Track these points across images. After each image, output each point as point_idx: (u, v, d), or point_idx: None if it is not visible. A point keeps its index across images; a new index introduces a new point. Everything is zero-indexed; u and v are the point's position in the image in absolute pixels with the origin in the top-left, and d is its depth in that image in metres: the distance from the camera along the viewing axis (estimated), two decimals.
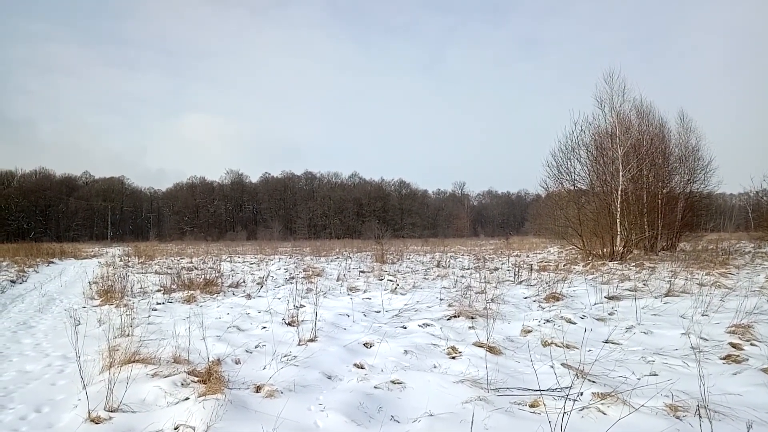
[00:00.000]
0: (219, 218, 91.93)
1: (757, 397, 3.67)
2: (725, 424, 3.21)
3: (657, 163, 21.00)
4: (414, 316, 7.45)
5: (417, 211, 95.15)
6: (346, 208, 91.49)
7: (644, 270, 13.73)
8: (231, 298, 9.43)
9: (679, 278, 10.81)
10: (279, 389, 3.94)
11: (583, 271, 14.43)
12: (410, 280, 12.23)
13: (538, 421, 3.33)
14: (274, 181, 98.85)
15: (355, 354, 5.23)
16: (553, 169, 20.21)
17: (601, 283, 10.72)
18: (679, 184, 22.84)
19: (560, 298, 8.70)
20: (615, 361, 4.88)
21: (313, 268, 15.48)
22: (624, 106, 19.87)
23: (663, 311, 7.51)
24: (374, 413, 3.58)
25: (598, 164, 19.89)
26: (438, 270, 15.22)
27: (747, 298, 7.69)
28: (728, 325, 6.09)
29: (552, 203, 22.31)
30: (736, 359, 4.90)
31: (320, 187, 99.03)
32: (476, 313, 7.26)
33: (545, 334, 5.99)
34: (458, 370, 4.62)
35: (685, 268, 13.08)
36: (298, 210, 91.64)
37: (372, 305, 8.55)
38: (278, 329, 6.39)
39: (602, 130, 19.96)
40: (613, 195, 18.77)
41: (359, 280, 12.25)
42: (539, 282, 10.95)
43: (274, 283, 11.81)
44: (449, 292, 9.70)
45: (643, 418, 3.32)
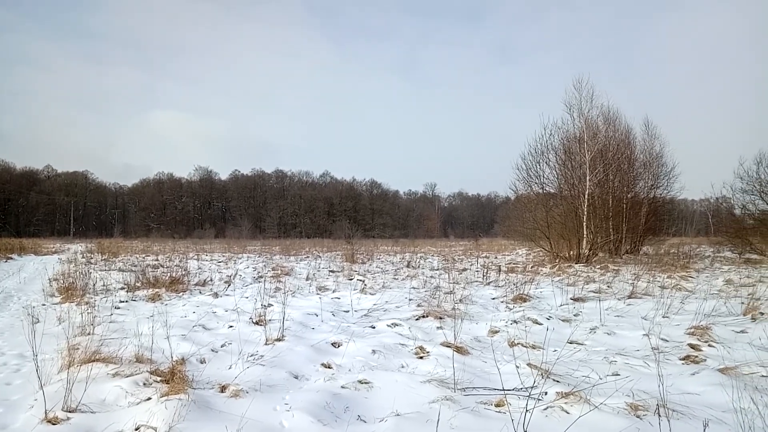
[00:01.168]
0: (187, 215, 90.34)
1: (714, 396, 3.77)
2: (683, 423, 3.29)
3: (622, 168, 21.52)
4: (383, 316, 7.45)
5: (388, 211, 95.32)
6: (316, 207, 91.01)
7: (609, 272, 14.04)
8: (197, 296, 9.27)
9: (642, 281, 11.09)
10: (244, 389, 3.88)
11: (550, 273, 14.66)
12: (380, 280, 12.23)
13: (503, 420, 3.36)
14: (244, 178, 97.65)
15: (323, 353, 5.19)
16: (522, 173, 20.56)
17: (567, 285, 10.90)
18: (643, 190, 23.46)
19: (527, 300, 8.81)
20: (579, 361, 4.96)
21: (282, 267, 15.34)
22: (592, 112, 20.32)
23: (626, 313, 7.69)
24: (341, 413, 3.56)
25: (567, 168, 20.28)
26: (408, 270, 15.27)
27: (706, 301, 7.93)
28: (688, 327, 6.26)
29: (521, 206, 22.62)
30: (694, 360, 5.04)
31: (291, 185, 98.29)
32: (445, 313, 7.30)
33: (512, 335, 6.05)
34: (426, 370, 4.63)
35: (648, 271, 13.42)
36: (268, 208, 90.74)
37: (341, 305, 8.51)
38: (245, 328, 6.30)
39: (571, 134, 20.37)
40: (580, 199, 19.15)
41: (329, 280, 12.19)
42: (507, 283, 11.08)
43: (242, 282, 11.65)
44: (418, 293, 9.73)
45: (605, 417, 3.38)
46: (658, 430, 3.06)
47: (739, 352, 5.11)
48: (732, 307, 7.49)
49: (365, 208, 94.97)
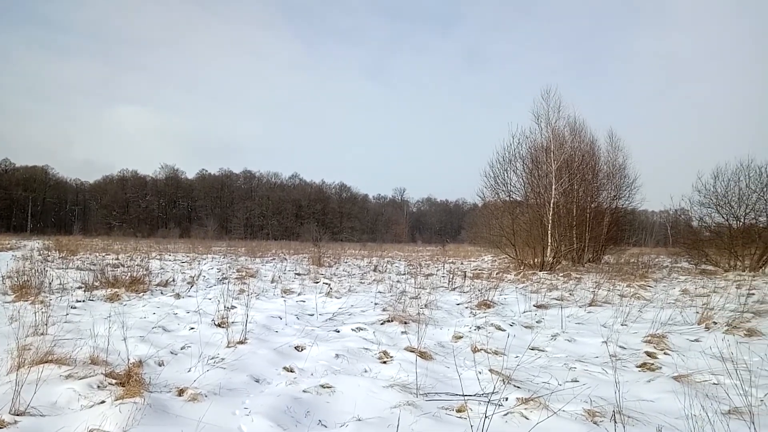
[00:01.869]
0: (151, 214, 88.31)
1: (668, 403, 3.87)
2: (638, 429, 3.36)
3: (587, 178, 22.03)
4: (348, 320, 7.42)
5: (357, 215, 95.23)
6: (284, 209, 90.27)
7: (571, 280, 14.32)
8: (158, 297, 9.06)
9: (603, 289, 11.34)
10: (203, 392, 3.80)
11: (514, 279, 14.86)
12: (346, 283, 12.19)
13: (463, 425, 3.37)
14: (211, 178, 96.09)
15: (286, 357, 5.13)
16: (490, 180, 20.83)
17: (531, 292, 11.07)
18: (606, 200, 24.06)
19: (491, 306, 8.91)
20: (540, 368, 5.03)
21: (247, 269, 15.14)
22: (559, 123, 20.78)
23: (586, 320, 7.84)
24: (301, 418, 3.52)
25: (533, 177, 20.65)
26: (374, 274, 15.26)
27: (662, 310, 8.18)
28: (645, 335, 6.43)
29: (488, 213, 22.90)
30: (650, 367, 5.17)
31: (259, 186, 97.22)
32: (409, 318, 7.32)
33: (475, 340, 6.10)
34: (389, 375, 4.62)
35: (609, 279, 13.74)
36: (235, 209, 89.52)
37: (306, 308, 8.44)
38: (207, 330, 6.19)
39: (538, 144, 20.78)
40: (545, 207, 19.51)
41: (294, 283, 12.09)
42: (472, 289, 11.19)
43: (205, 283, 11.45)
44: (384, 297, 9.73)
45: (563, 423, 3.43)
46: None
47: (693, 361, 5.26)
48: (687, 317, 7.72)
49: (334, 211, 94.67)
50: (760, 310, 8.45)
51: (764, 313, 8.14)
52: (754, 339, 6.27)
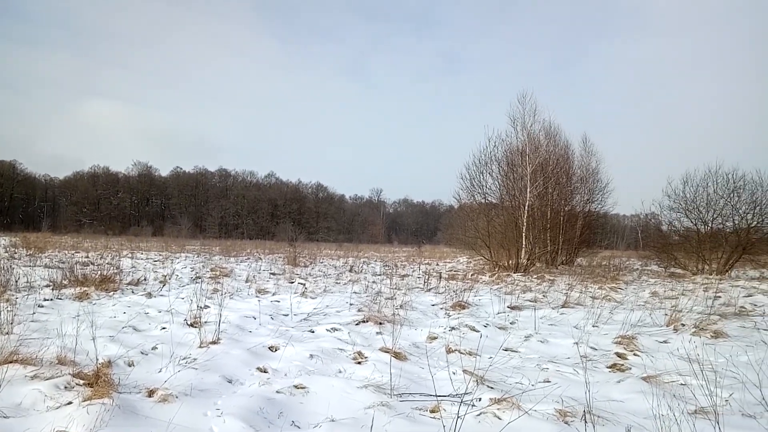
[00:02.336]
0: (123, 212, 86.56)
1: (637, 403, 3.94)
2: (608, 429, 3.42)
3: (561, 182, 22.35)
4: (323, 320, 7.39)
5: (333, 215, 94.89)
6: (260, 208, 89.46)
7: (545, 282, 14.50)
8: (129, 296, 8.89)
9: (575, 291, 11.51)
10: (174, 393, 3.74)
11: (489, 281, 14.98)
12: (321, 284, 12.14)
13: (437, 426, 3.39)
14: (185, 176, 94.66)
15: (259, 357, 5.09)
16: (466, 182, 20.98)
17: (505, 294, 11.17)
18: (579, 203, 24.44)
19: (466, 307, 8.96)
20: (513, 368, 5.08)
21: (222, 269, 14.96)
22: (534, 127, 21.01)
23: (559, 321, 7.95)
24: (274, 419, 3.49)
25: (509, 180, 20.86)
26: (350, 275, 15.23)
27: (633, 312, 8.33)
28: (615, 336, 6.54)
29: (463, 215, 23.05)
30: (620, 368, 5.26)
31: (234, 185, 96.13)
32: (385, 318, 7.32)
33: (450, 341, 6.13)
34: (363, 376, 4.62)
35: (581, 281, 13.96)
36: (210, 208, 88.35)
37: (280, 308, 8.38)
38: (179, 330, 6.09)
39: (514, 147, 20.97)
40: (520, 210, 19.71)
41: (269, 283, 11.98)
42: (447, 290, 11.24)
43: (178, 282, 11.27)
44: (360, 297, 9.72)
45: (535, 423, 3.47)
46: None
47: (661, 362, 5.38)
48: (656, 318, 7.88)
49: (310, 211, 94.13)
50: (726, 312, 8.68)
51: (730, 316, 8.37)
52: (720, 340, 6.43)
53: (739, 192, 18.95)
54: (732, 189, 19.06)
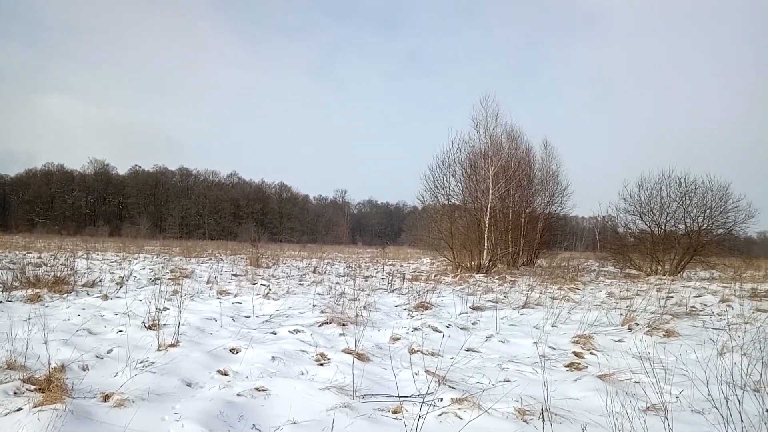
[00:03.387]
0: (78, 211, 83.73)
1: (593, 401, 4.05)
2: (565, 426, 3.51)
3: (522, 184, 22.79)
4: (285, 321, 7.33)
5: (297, 215, 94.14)
6: (222, 208, 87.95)
7: (506, 283, 14.75)
8: (84, 298, 8.61)
9: (535, 292, 11.74)
10: (130, 398, 3.65)
11: (451, 282, 15.14)
12: (284, 285, 12.03)
13: (398, 426, 3.41)
14: (144, 174, 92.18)
15: (220, 360, 5.01)
16: (430, 183, 21.16)
17: (467, 294, 11.31)
18: (540, 206, 25.01)
19: (429, 308, 9.03)
20: (474, 368, 5.15)
21: (182, 270, 14.66)
22: (497, 129, 21.35)
23: (519, 322, 8.10)
24: (234, 422, 3.44)
25: (471, 182, 21.13)
26: (314, 276, 15.15)
27: (589, 312, 8.56)
28: (573, 336, 6.71)
29: (427, 216, 23.24)
30: (577, 367, 5.40)
31: (196, 184, 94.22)
32: (348, 320, 7.31)
33: (412, 342, 6.17)
34: (326, 377, 4.60)
35: (541, 282, 14.25)
36: (170, 207, 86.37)
37: (242, 310, 8.27)
38: (136, 333, 5.93)
39: (476, 149, 21.26)
40: (482, 212, 19.98)
41: (231, 284, 11.80)
42: (411, 291, 11.31)
43: (136, 284, 10.99)
44: (323, 299, 9.67)
45: (495, 422, 3.53)
46: None
47: (616, 360, 5.53)
48: (612, 318, 8.13)
49: (273, 212, 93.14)
50: (677, 312, 9.01)
51: (681, 315, 8.70)
52: (671, 339, 6.67)
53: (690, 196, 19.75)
54: (684, 193, 19.84)
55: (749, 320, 8.13)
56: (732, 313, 9.19)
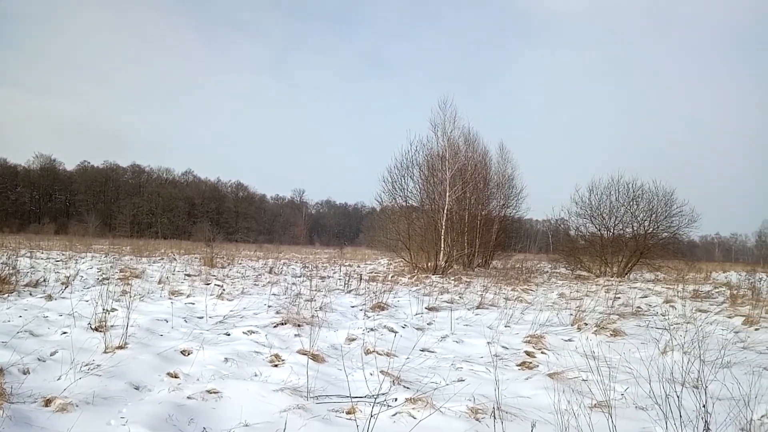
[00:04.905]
0: (21, 207, 79.94)
1: (543, 399, 4.16)
2: (515, 424, 3.59)
3: (479, 187, 23.18)
4: (240, 322, 7.21)
5: (253, 215, 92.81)
6: (176, 206, 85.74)
7: (461, 284, 14.96)
8: (27, 298, 8.23)
9: (490, 292, 11.96)
10: (74, 402, 3.51)
11: (408, 282, 15.24)
12: (239, 285, 11.83)
13: (352, 427, 3.40)
14: (94, 171, 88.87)
15: (170, 362, 4.88)
16: (388, 185, 21.29)
17: (423, 295, 11.41)
18: (496, 208, 25.48)
19: (385, 308, 9.07)
20: (429, 368, 5.21)
21: (132, 269, 14.22)
22: (454, 133, 21.68)
23: (474, 322, 8.23)
24: (184, 425, 3.36)
25: (429, 184, 21.37)
26: (269, 276, 14.97)
27: (541, 312, 8.78)
28: (525, 336, 6.87)
29: (385, 217, 23.36)
30: (529, 366, 5.53)
31: (148, 182, 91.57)
32: (303, 320, 7.26)
33: (368, 342, 6.17)
34: (280, 378, 4.55)
35: (495, 283, 14.52)
36: (121, 205, 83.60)
37: (195, 311, 8.09)
38: (82, 335, 5.71)
39: (434, 152, 21.52)
40: (439, 213, 20.22)
41: (183, 284, 11.52)
42: (367, 292, 11.32)
43: (82, 284, 10.59)
44: (278, 299, 9.56)
45: (448, 420, 3.58)
46: (494, 431, 3.31)
47: (566, 359, 5.70)
48: (563, 318, 8.36)
49: (229, 211, 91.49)
50: (624, 312, 9.35)
51: (627, 315, 9.03)
52: (618, 338, 6.92)
53: (637, 201, 20.57)
54: (632, 198, 20.64)
55: (690, 320, 8.52)
56: (674, 313, 9.60)
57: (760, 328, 7.85)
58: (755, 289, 13.41)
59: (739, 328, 7.90)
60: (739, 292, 13.02)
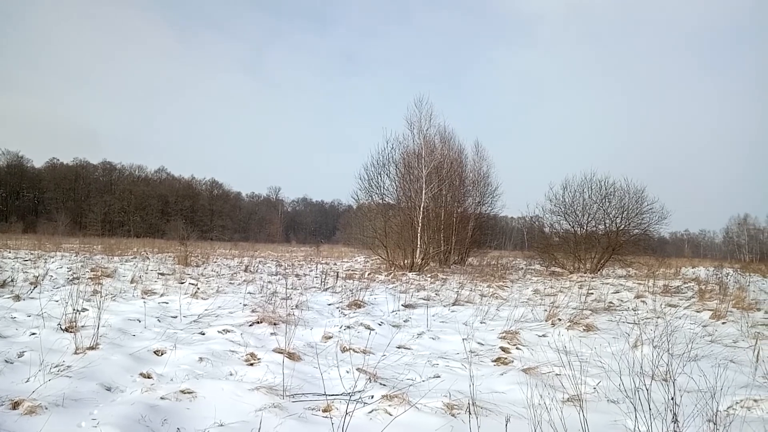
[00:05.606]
0: None
1: (517, 394, 4.21)
2: (490, 419, 3.63)
3: (455, 185, 23.34)
4: (214, 321, 7.13)
5: (228, 213, 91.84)
6: (149, 204, 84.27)
7: (437, 281, 15.04)
8: None
9: (466, 289, 12.06)
10: (43, 404, 3.43)
11: (385, 280, 15.26)
12: (214, 284, 11.70)
13: (328, 425, 3.40)
14: (63, 168, 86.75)
15: (143, 362, 4.80)
16: (365, 183, 21.28)
17: (400, 292, 11.44)
18: (471, 206, 25.73)
19: (362, 306, 9.07)
20: (405, 365, 5.23)
21: (104, 269, 13.94)
22: (430, 131, 21.77)
23: (450, 319, 8.28)
24: (158, 426, 3.31)
25: (405, 181, 21.42)
26: (245, 275, 14.83)
27: (517, 308, 8.88)
28: (500, 332, 6.94)
29: (362, 215, 23.35)
30: (504, 361, 5.60)
31: (120, 179, 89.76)
32: (279, 319, 7.21)
33: (345, 340, 6.17)
34: (255, 377, 4.52)
35: (471, 280, 14.65)
36: (92, 203, 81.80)
37: (169, 310, 7.97)
38: (51, 336, 5.58)
39: (410, 150, 21.58)
40: (416, 211, 20.29)
41: (157, 283, 11.34)
42: (344, 289, 11.30)
43: (52, 284, 10.35)
44: (254, 298, 9.48)
45: (424, 417, 3.60)
46: (469, 426, 3.34)
47: (540, 354, 5.78)
48: (537, 314, 8.47)
49: (204, 209, 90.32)
50: (596, 307, 9.52)
51: (600, 311, 9.19)
52: (590, 333, 7.04)
53: (610, 198, 20.93)
54: (604, 195, 20.98)
55: (660, 315, 8.72)
56: (645, 308, 9.81)
57: (727, 321, 8.07)
58: (722, 284, 13.77)
59: (706, 322, 8.10)
60: (707, 287, 13.36)
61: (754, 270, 21.76)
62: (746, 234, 76.38)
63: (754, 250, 71.78)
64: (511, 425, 3.31)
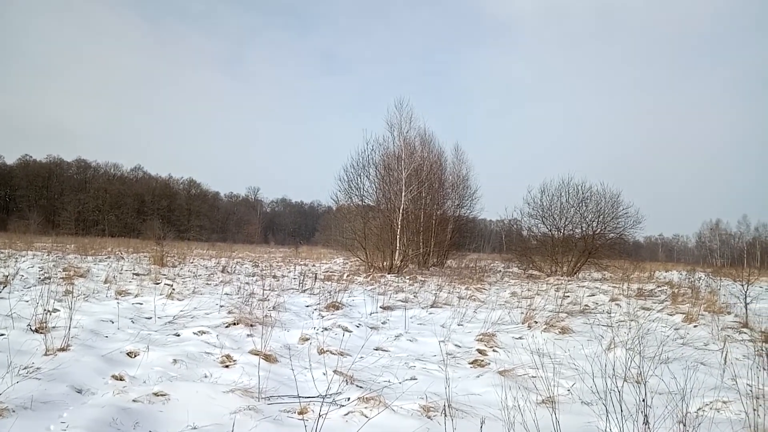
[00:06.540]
0: None
1: (493, 395, 4.24)
2: (466, 421, 3.64)
3: (434, 187, 23.43)
4: (190, 323, 7.04)
5: (206, 213, 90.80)
6: (124, 203, 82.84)
7: (416, 283, 15.07)
8: None
9: (444, 291, 12.10)
10: (10, 407, 3.34)
11: (363, 282, 15.25)
12: (191, 285, 11.55)
13: (303, 428, 3.38)
14: (36, 165, 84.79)
15: (116, 364, 4.72)
16: (344, 184, 21.22)
17: (378, 294, 11.43)
18: (451, 208, 25.85)
19: (340, 307, 9.03)
20: (382, 367, 5.22)
21: (76, 268, 13.65)
22: (410, 133, 21.84)
23: (427, 321, 8.31)
24: (129, 429, 3.26)
25: (385, 183, 21.44)
26: (222, 276, 14.68)
27: (494, 311, 8.95)
28: (478, 334, 6.98)
29: (341, 216, 23.29)
30: (480, 364, 5.63)
31: (95, 177, 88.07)
32: (256, 320, 7.15)
33: (322, 342, 6.14)
34: (231, 380, 4.47)
35: (450, 282, 14.71)
36: (65, 201, 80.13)
37: (143, 311, 7.85)
38: (20, 337, 5.45)
39: (390, 152, 21.61)
40: (395, 213, 20.31)
41: (131, 284, 11.15)
42: (322, 291, 11.25)
43: (23, 284, 10.10)
44: (231, 299, 9.38)
45: (400, 419, 3.60)
46: (444, 428, 3.35)
47: (516, 356, 5.84)
48: (514, 317, 8.54)
49: (181, 208, 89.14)
50: (572, 310, 9.64)
51: (576, 313, 9.31)
52: (566, 336, 7.12)
53: (586, 202, 21.21)
54: (581, 199, 21.26)
55: (634, 318, 8.86)
56: (619, 311, 9.96)
57: (699, 324, 8.24)
58: (695, 287, 14.07)
59: (678, 325, 8.26)
60: (680, 290, 13.63)
61: (726, 274, 22.21)
62: (718, 239, 78.39)
63: (725, 254, 73.68)
64: (486, 427, 3.32)
